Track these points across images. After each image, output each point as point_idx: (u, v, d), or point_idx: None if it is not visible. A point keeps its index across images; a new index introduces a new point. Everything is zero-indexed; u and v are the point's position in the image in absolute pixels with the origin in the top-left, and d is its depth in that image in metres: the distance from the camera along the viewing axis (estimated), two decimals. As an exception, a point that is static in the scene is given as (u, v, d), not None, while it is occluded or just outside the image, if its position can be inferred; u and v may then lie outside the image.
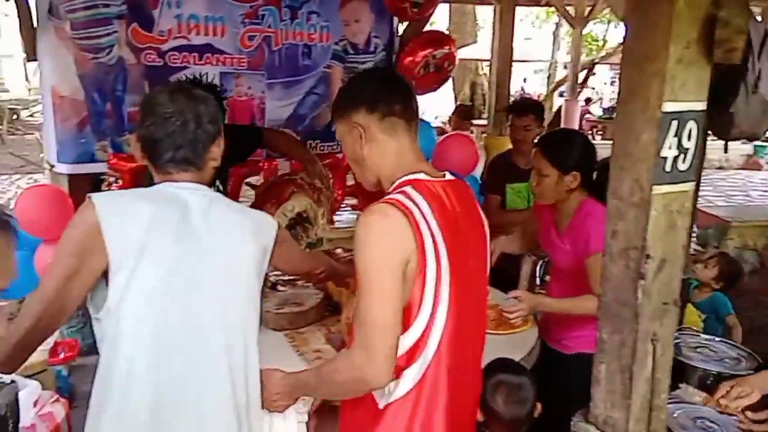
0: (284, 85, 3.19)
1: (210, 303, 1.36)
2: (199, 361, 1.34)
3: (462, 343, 1.42)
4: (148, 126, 1.37)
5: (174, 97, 1.39)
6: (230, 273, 1.39)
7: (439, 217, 1.34)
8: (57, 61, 2.68)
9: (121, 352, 1.28)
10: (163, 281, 1.30)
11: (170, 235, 1.31)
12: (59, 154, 2.75)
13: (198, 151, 1.38)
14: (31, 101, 18.51)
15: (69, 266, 1.27)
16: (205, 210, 1.37)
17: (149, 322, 1.29)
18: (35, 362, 2.15)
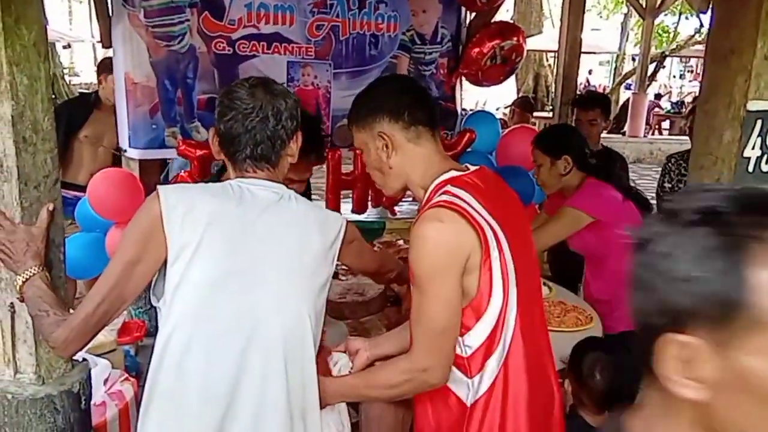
0: (350, 75, 3.19)
1: (267, 298, 1.34)
2: (253, 355, 1.32)
3: (534, 328, 1.43)
4: (228, 121, 1.37)
5: (254, 91, 1.38)
6: (291, 268, 1.37)
7: (487, 206, 1.34)
8: (130, 48, 2.75)
9: (173, 343, 1.30)
10: (216, 276, 1.30)
11: (229, 231, 1.31)
12: (131, 139, 2.83)
13: (276, 147, 1.39)
14: (94, 86, 19.15)
15: (131, 254, 1.30)
16: (270, 206, 1.37)
17: (202, 315, 1.30)
18: (105, 342, 2.23)
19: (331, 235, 1.44)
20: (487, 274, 1.31)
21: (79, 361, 1.77)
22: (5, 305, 1.59)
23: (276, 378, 1.34)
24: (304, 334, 1.38)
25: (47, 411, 1.57)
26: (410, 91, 1.46)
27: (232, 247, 1.32)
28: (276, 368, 1.34)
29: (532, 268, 1.48)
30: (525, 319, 1.38)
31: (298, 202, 1.43)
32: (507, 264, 1.34)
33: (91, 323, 1.33)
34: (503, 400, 1.34)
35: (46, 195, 1.57)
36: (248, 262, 1.33)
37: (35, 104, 1.51)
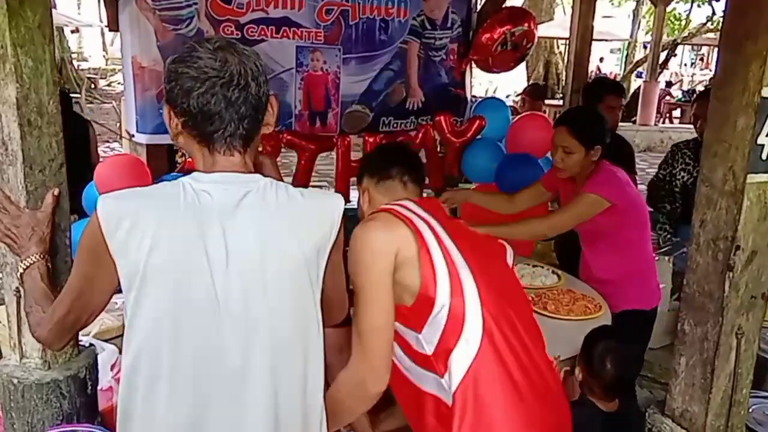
0: (359, 61, 3.16)
1: (237, 325, 1.16)
2: (225, 397, 1.17)
3: (516, 331, 1.42)
4: (201, 95, 1.12)
5: (221, 54, 1.14)
6: (264, 287, 1.17)
7: (430, 210, 1.48)
8: (138, 32, 2.72)
9: (140, 374, 1.17)
10: (170, 306, 1.14)
11: (178, 254, 1.13)
12: (138, 124, 2.81)
13: (260, 119, 1.19)
14: (109, 71, 19.17)
15: (84, 271, 1.21)
16: (231, 210, 1.15)
17: (161, 350, 1.15)
18: (112, 327, 2.22)
19: (318, 238, 1.22)
20: (428, 265, 1.37)
21: (86, 347, 1.77)
22: (11, 290, 1.59)
23: (261, 410, 1.19)
24: (296, 357, 1.22)
25: (53, 396, 1.57)
26: (388, 153, 1.71)
27: (185, 274, 1.13)
28: (258, 402, 1.19)
29: (499, 273, 1.52)
30: (499, 320, 1.39)
31: (263, 201, 1.18)
32: (453, 257, 1.40)
33: (66, 327, 1.29)
34: (476, 399, 1.34)
35: (51, 179, 1.56)
36: (204, 290, 1.14)
37: (40, 87, 1.50)
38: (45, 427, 1.56)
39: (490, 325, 1.37)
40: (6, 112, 1.47)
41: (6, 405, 1.59)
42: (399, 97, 3.34)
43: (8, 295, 1.60)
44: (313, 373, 1.25)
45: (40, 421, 1.55)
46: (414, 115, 3.42)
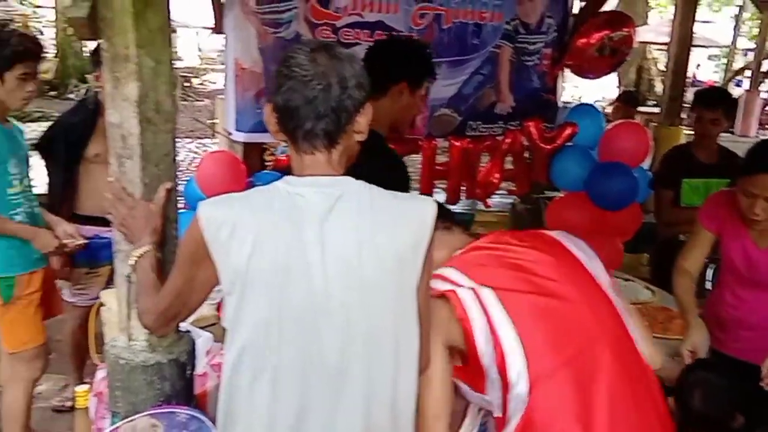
0: (450, 65, 3.17)
1: (336, 326, 1.18)
2: (324, 397, 1.20)
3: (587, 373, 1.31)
4: (285, 92, 1.19)
5: (315, 56, 1.19)
6: (361, 289, 1.19)
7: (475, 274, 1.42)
8: (241, 34, 2.84)
9: (242, 374, 1.21)
10: (272, 309, 1.17)
11: (279, 255, 1.16)
12: (237, 122, 2.93)
13: (342, 121, 1.20)
14: (201, 70, 19.95)
15: (185, 271, 1.28)
16: (326, 213, 1.18)
17: (264, 351, 1.19)
18: (208, 315, 2.32)
19: (413, 239, 1.23)
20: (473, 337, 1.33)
21: (185, 332, 1.85)
22: (123, 276, 1.70)
23: (355, 419, 1.21)
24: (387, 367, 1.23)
25: (156, 377, 1.65)
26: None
27: (285, 277, 1.16)
28: (355, 411, 1.21)
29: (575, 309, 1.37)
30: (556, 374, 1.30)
31: (358, 204, 1.20)
32: (496, 324, 1.31)
33: (168, 318, 1.40)
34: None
35: (165, 173, 1.65)
36: (304, 292, 1.17)
37: (159, 86, 1.58)
38: (146, 407, 1.64)
39: (539, 382, 1.28)
40: (127, 108, 1.56)
41: (113, 383, 1.69)
42: (488, 101, 3.33)
43: (120, 281, 1.70)
44: (406, 376, 1.26)
45: (143, 401, 1.64)
46: (503, 119, 3.40)
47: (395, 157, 2.05)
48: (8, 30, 2.45)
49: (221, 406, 1.28)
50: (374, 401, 1.22)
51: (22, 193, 2.53)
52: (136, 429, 1.47)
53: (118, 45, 1.53)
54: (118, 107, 1.58)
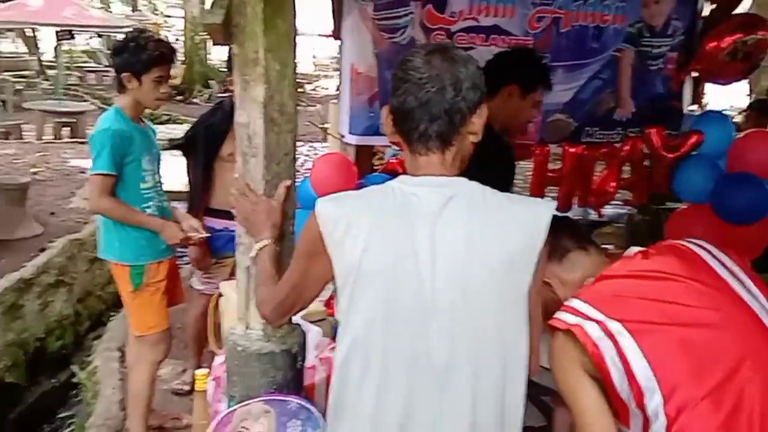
0: (567, 69, 3.09)
1: (444, 325, 1.19)
2: (431, 396, 1.21)
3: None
4: (401, 94, 1.22)
5: (430, 59, 1.21)
6: (469, 288, 1.19)
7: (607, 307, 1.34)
8: (357, 39, 2.91)
9: (350, 367, 1.25)
10: (381, 306, 1.20)
11: (390, 252, 1.19)
12: (350, 126, 3.00)
13: (455, 123, 1.22)
14: (315, 76, 20.57)
15: (302, 265, 1.34)
16: (438, 213, 1.19)
17: (373, 347, 1.21)
18: (317, 310, 2.40)
19: (526, 244, 1.21)
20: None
21: (297, 325, 1.93)
22: (243, 267, 1.79)
23: (460, 420, 1.21)
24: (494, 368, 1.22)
25: (270, 366, 1.73)
26: None
27: (396, 274, 1.19)
28: (461, 411, 1.21)
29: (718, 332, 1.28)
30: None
31: (469, 205, 1.21)
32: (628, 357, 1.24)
33: (284, 310, 1.47)
34: None
35: (285, 171, 1.73)
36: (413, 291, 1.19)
37: (283, 89, 1.66)
38: (260, 393, 1.72)
39: (681, 415, 1.20)
40: (254, 109, 1.65)
41: (231, 368, 1.79)
42: (606, 107, 3.21)
43: (240, 272, 1.80)
44: (514, 379, 1.24)
45: (257, 388, 1.72)
46: (622, 126, 3.27)
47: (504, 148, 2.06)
48: (145, 36, 2.64)
49: (332, 398, 1.31)
50: (481, 402, 1.21)
51: (153, 188, 2.72)
52: (251, 413, 1.55)
53: (248, 49, 1.62)
54: (246, 108, 1.67)
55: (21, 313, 4.39)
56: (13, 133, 9.97)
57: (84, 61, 19.33)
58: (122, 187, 2.60)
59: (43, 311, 4.59)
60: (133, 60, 2.55)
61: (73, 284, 4.93)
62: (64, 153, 8.64)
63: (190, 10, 17.18)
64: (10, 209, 5.49)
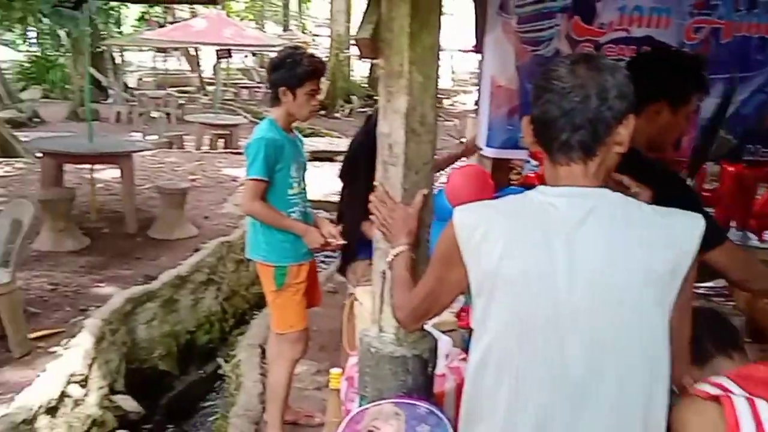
0: (726, 82, 2.89)
1: (582, 337, 1.16)
2: (567, 408, 1.18)
3: None
4: (542, 104, 1.21)
5: (575, 68, 1.19)
6: (610, 301, 1.15)
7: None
8: (499, 52, 2.91)
9: (486, 375, 1.24)
10: (515, 321, 1.19)
11: (527, 261, 1.18)
12: (488, 138, 3.00)
13: (599, 133, 1.18)
14: (453, 91, 20.66)
15: (437, 272, 1.35)
16: (577, 224, 1.17)
17: (508, 356, 1.21)
18: (447, 321, 2.42)
19: (673, 261, 1.16)
20: None
21: (428, 333, 1.96)
22: (379, 272, 1.85)
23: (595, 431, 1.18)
24: (638, 383, 1.18)
25: (401, 369, 1.77)
26: None
27: (532, 284, 1.18)
28: (597, 424, 1.18)
29: None
30: None
31: (610, 219, 1.17)
32: None
33: (418, 315, 1.51)
34: None
35: (423, 180, 1.77)
36: (550, 301, 1.17)
37: (425, 100, 1.71)
38: (390, 395, 1.76)
39: None
40: (396, 120, 1.71)
41: (363, 368, 1.85)
42: (772, 123, 2.96)
43: (376, 276, 1.86)
44: (656, 393, 1.20)
45: (388, 390, 1.77)
46: (791, 144, 3.00)
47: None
48: (299, 52, 2.81)
49: (464, 405, 1.32)
50: (624, 417, 1.18)
51: (298, 194, 2.88)
52: (382, 413, 1.59)
53: (393, 62, 1.69)
54: (388, 119, 1.74)
55: (176, 307, 4.79)
56: (175, 143, 10.93)
57: (239, 78, 20.81)
58: (272, 192, 2.78)
59: (195, 306, 4.98)
60: (289, 75, 2.73)
61: (221, 283, 5.31)
62: (219, 162, 9.32)
63: (336, 29, 18.01)
64: (170, 212, 6.02)
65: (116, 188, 6.73)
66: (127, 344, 4.25)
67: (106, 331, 3.94)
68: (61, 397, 3.21)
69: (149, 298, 4.53)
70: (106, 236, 5.88)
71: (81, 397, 3.38)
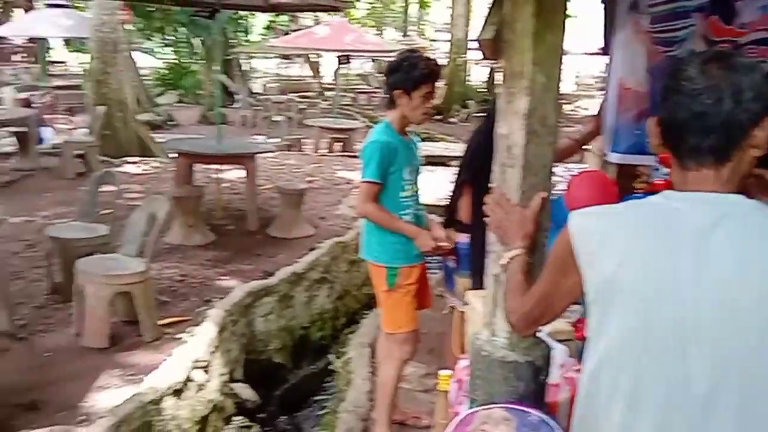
0: None
1: (705, 352, 1.09)
2: (686, 421, 1.11)
3: None
4: (671, 106, 1.16)
5: (706, 68, 1.13)
6: (739, 316, 1.07)
7: None
8: (628, 54, 2.78)
9: (599, 385, 1.20)
10: (634, 325, 1.13)
11: (648, 270, 1.11)
12: (613, 142, 2.88)
13: (732, 137, 1.12)
14: (575, 96, 20.01)
15: (552, 277, 1.32)
16: (705, 232, 1.09)
17: (624, 367, 1.15)
18: (563, 329, 2.34)
19: None
20: None
21: (542, 340, 1.91)
22: (492, 275, 1.83)
23: None
24: (764, 401, 1.08)
25: (512, 375, 1.74)
26: None
27: (653, 293, 1.11)
28: None
29: None
30: None
31: (743, 226, 1.10)
32: None
33: (530, 320, 1.47)
34: None
35: (541, 183, 1.73)
36: (672, 312, 1.10)
37: (547, 101, 1.67)
38: (500, 400, 1.73)
39: None
40: (515, 121, 1.69)
41: (473, 372, 1.83)
42: None
43: (489, 279, 1.84)
44: None
45: (498, 394, 1.74)
46: None
47: None
48: (416, 55, 2.84)
49: (576, 414, 1.29)
50: None
51: (411, 197, 2.91)
52: (491, 417, 1.57)
53: (515, 63, 1.67)
54: (508, 120, 1.71)
55: (291, 303, 4.97)
56: (295, 146, 11.38)
57: (357, 83, 21.33)
58: (385, 194, 2.83)
59: (309, 303, 5.15)
60: (405, 77, 2.76)
61: (334, 282, 5.46)
62: (335, 165, 9.59)
63: (456, 33, 18.03)
64: (289, 212, 6.27)
65: (240, 188, 7.09)
66: (246, 335, 4.47)
67: (227, 321, 4.16)
68: (186, 381, 3.42)
69: (267, 292, 4.74)
70: (230, 233, 6.22)
71: (203, 383, 3.59)
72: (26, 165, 8.05)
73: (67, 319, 4.06)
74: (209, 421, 3.58)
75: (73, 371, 3.51)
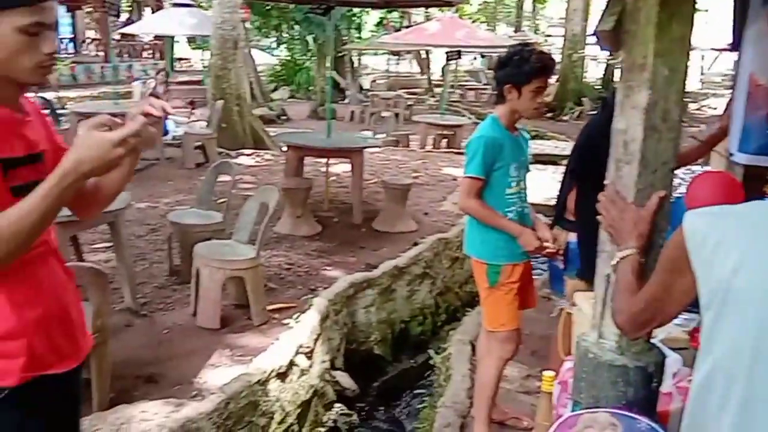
0: None
1: None
2: None
3: None
4: None
5: None
6: None
7: None
8: (761, 48, 2.59)
9: (711, 393, 1.14)
10: (749, 332, 1.07)
11: (765, 275, 1.06)
12: (741, 142, 2.69)
13: None
14: (701, 95, 18.86)
15: (663, 279, 1.26)
16: None
17: (738, 376, 1.09)
18: (679, 338, 2.23)
19: None
20: None
21: (656, 346, 1.82)
22: (602, 275, 1.76)
23: None
24: None
25: (620, 379, 1.68)
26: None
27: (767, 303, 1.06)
28: None
29: None
30: None
31: None
32: None
33: (639, 322, 1.40)
34: None
35: (660, 181, 1.65)
36: None
37: (670, 95, 1.59)
38: (607, 404, 1.67)
39: None
40: (634, 116, 1.62)
41: (579, 373, 1.78)
42: None
43: (599, 280, 1.77)
44: None
45: (605, 398, 1.68)
46: None
47: None
48: (529, 49, 2.77)
49: (685, 423, 1.24)
50: None
51: (516, 194, 2.85)
52: (597, 421, 1.51)
53: (636, 55, 1.60)
54: (626, 114, 1.64)
55: (392, 297, 5.03)
56: (401, 142, 11.47)
57: (466, 79, 21.17)
58: (489, 190, 2.79)
59: (410, 298, 5.19)
60: (516, 72, 2.71)
61: (436, 278, 5.46)
62: (441, 161, 9.58)
63: (572, 28, 17.43)
64: (393, 206, 6.34)
65: (347, 181, 7.25)
66: (348, 326, 4.57)
67: (330, 311, 4.27)
68: (290, 365, 3.55)
69: (369, 285, 4.82)
70: (336, 225, 6.37)
71: (306, 368, 3.71)
72: (151, 155, 8.62)
73: (185, 300, 4.31)
74: (311, 406, 3.69)
75: (188, 349, 3.73)
